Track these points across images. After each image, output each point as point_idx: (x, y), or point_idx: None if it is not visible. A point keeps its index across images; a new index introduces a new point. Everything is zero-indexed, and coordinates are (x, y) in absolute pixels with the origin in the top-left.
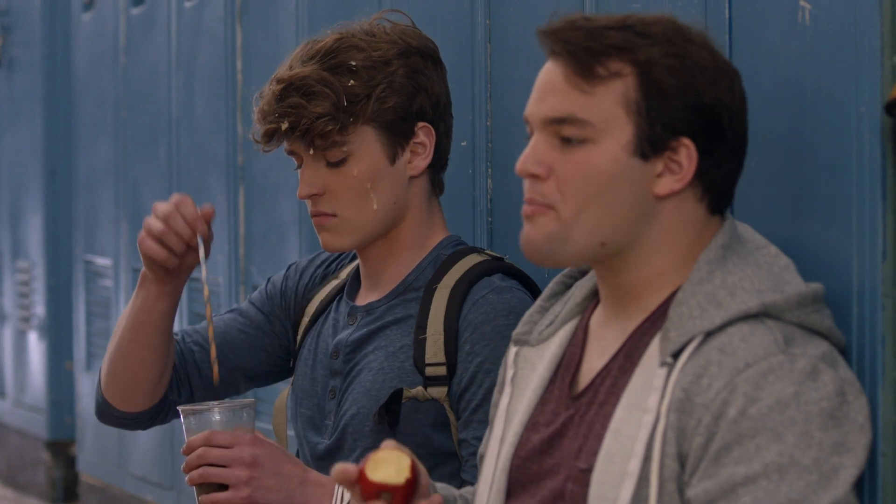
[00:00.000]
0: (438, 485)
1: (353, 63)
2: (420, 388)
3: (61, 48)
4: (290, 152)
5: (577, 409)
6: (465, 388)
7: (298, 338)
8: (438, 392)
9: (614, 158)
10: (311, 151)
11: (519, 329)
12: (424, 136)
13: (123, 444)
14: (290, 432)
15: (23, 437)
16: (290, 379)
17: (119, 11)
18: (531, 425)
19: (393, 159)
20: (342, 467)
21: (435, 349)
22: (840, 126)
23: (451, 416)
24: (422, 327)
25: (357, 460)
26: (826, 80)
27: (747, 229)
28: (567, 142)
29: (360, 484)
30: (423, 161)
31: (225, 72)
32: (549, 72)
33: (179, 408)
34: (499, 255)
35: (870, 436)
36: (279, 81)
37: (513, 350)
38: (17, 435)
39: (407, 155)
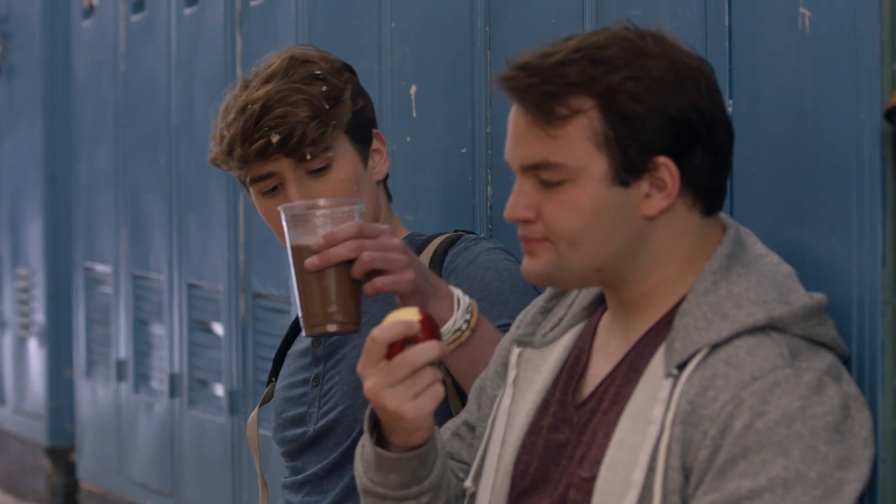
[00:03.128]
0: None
1: (318, 72)
2: None
3: (61, 54)
4: (262, 177)
5: (580, 416)
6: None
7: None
8: None
9: (595, 193)
10: (308, 157)
11: (522, 330)
12: (378, 142)
13: (123, 450)
14: (262, 431)
15: (23, 443)
16: (261, 398)
17: (119, 18)
18: (533, 429)
19: (365, 163)
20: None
21: None
22: (840, 133)
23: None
24: None
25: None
26: (826, 86)
27: (750, 235)
28: (547, 184)
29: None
30: (384, 165)
31: (225, 78)
32: (516, 117)
33: (282, 207)
34: (471, 231)
35: (873, 449)
36: (254, 102)
37: (515, 351)
38: (17, 442)
39: (370, 160)
